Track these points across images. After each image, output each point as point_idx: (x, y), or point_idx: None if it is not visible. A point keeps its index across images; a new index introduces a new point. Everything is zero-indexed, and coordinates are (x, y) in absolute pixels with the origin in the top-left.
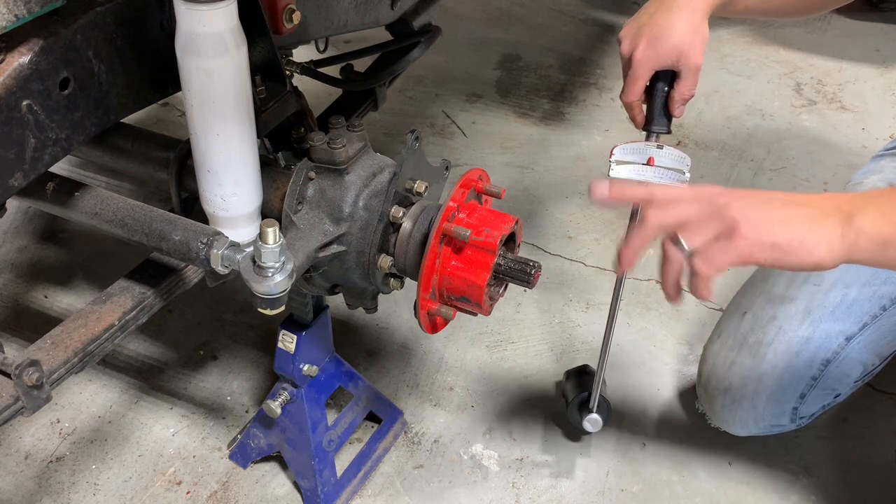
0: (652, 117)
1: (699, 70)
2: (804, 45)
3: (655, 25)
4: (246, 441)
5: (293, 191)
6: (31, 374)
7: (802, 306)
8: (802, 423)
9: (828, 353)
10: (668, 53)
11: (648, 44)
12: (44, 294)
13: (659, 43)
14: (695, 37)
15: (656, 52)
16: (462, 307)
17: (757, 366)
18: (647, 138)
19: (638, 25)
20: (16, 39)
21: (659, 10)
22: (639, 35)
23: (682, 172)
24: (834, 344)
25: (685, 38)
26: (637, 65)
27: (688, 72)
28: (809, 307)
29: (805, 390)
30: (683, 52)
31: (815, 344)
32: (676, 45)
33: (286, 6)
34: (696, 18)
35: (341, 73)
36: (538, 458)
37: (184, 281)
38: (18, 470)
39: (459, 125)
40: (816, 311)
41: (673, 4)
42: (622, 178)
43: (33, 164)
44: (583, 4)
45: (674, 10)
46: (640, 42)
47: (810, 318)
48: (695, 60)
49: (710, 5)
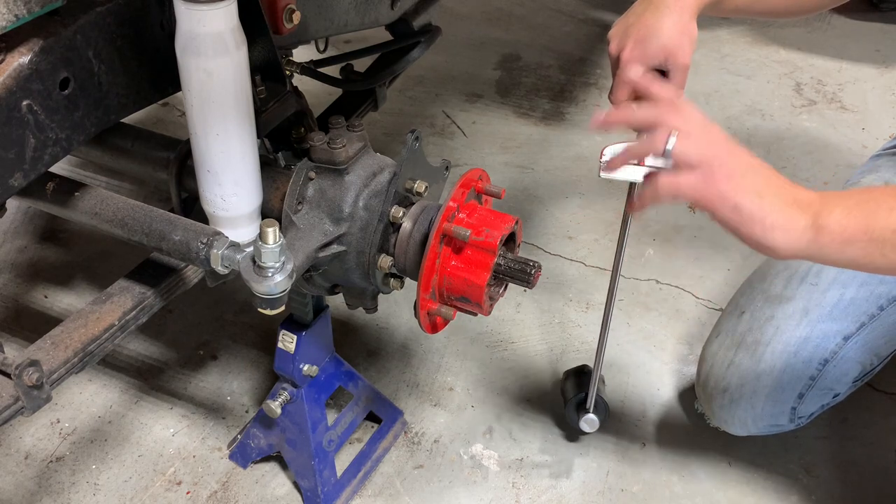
0: None
1: (687, 69)
2: (804, 45)
3: (643, 26)
4: (246, 441)
5: (293, 191)
6: (31, 374)
7: (800, 306)
8: (801, 422)
9: (826, 353)
10: (656, 54)
11: (636, 44)
12: (44, 294)
13: (647, 43)
14: (682, 37)
15: (644, 53)
16: (462, 307)
17: (755, 366)
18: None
19: (626, 26)
20: (16, 39)
21: (647, 10)
22: (626, 35)
23: None
24: (832, 344)
25: (673, 39)
26: (625, 65)
27: (676, 71)
28: (807, 307)
29: (803, 390)
30: (672, 53)
31: (812, 344)
32: (664, 45)
33: (286, 6)
34: (685, 18)
35: (341, 73)
36: (538, 458)
37: (184, 281)
38: (18, 470)
39: (459, 125)
40: (814, 311)
41: (661, 4)
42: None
43: (33, 164)
44: (583, 4)
45: (661, 10)
46: (627, 42)
47: (808, 317)
48: (682, 60)
49: (699, 5)
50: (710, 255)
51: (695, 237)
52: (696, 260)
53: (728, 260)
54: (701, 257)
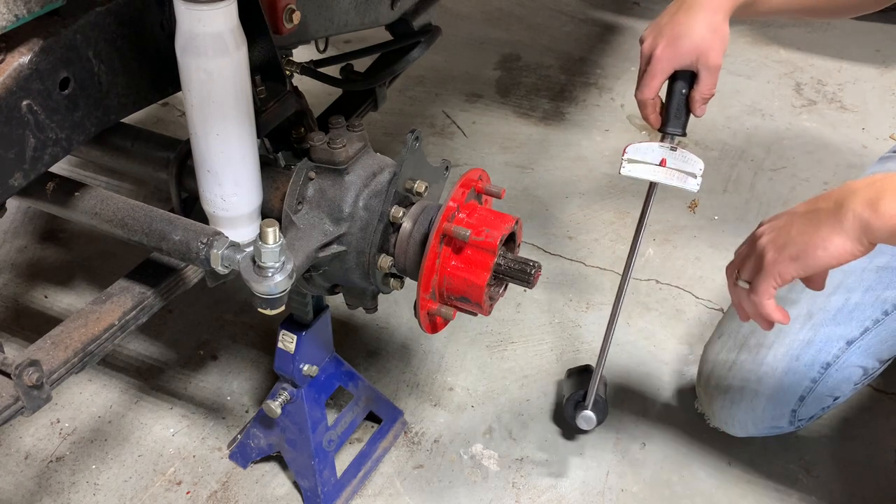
0: (668, 118)
1: (718, 70)
2: (804, 45)
3: (676, 25)
4: (246, 441)
5: (293, 191)
6: (31, 374)
7: (804, 310)
8: (801, 424)
9: (828, 357)
10: (687, 53)
11: (669, 43)
12: (44, 294)
13: (679, 42)
14: (714, 37)
15: (676, 52)
16: (462, 307)
17: (757, 368)
18: (661, 139)
19: (660, 26)
20: (16, 39)
21: (680, 10)
22: (660, 35)
23: (694, 176)
24: (834, 348)
25: (705, 39)
26: (656, 62)
27: (707, 71)
28: (811, 311)
29: (804, 393)
30: (703, 52)
31: (815, 348)
32: (696, 45)
33: (286, 6)
34: (717, 19)
35: (341, 73)
36: (538, 458)
37: (184, 281)
38: (18, 470)
39: (459, 125)
40: (818, 315)
41: (694, 4)
42: (633, 176)
43: (33, 164)
44: (583, 4)
45: (694, 9)
46: (660, 41)
47: (812, 321)
48: (714, 60)
49: (732, 6)
50: (710, 255)
51: (695, 237)
52: (696, 260)
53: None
54: (701, 257)
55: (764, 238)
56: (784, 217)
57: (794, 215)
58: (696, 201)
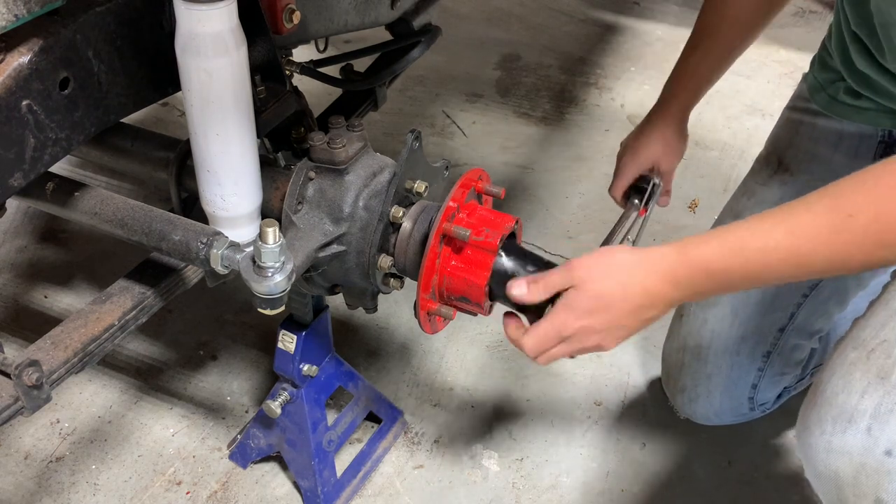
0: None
1: (672, 173)
2: (804, 44)
3: (637, 140)
4: (246, 441)
5: (293, 191)
6: (30, 374)
7: (728, 309)
8: (767, 408)
9: (767, 346)
10: (645, 162)
11: (632, 154)
12: (44, 294)
13: (638, 154)
14: (666, 149)
15: (636, 161)
16: (462, 307)
17: (703, 368)
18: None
19: (628, 140)
20: (16, 39)
21: (643, 125)
22: (627, 147)
23: None
24: (770, 337)
25: (657, 151)
26: (623, 167)
27: (663, 175)
28: (735, 309)
29: (755, 381)
30: (657, 161)
31: (751, 342)
32: (650, 156)
33: (286, 6)
34: (668, 132)
35: (341, 73)
36: (538, 458)
37: (184, 281)
38: (18, 470)
39: (459, 125)
40: (743, 311)
41: (650, 123)
42: None
43: (33, 164)
44: (583, 4)
45: (649, 128)
46: (627, 152)
47: (738, 318)
48: (665, 167)
49: (680, 119)
50: None
51: None
52: None
53: None
54: None
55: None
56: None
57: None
58: (697, 201)
